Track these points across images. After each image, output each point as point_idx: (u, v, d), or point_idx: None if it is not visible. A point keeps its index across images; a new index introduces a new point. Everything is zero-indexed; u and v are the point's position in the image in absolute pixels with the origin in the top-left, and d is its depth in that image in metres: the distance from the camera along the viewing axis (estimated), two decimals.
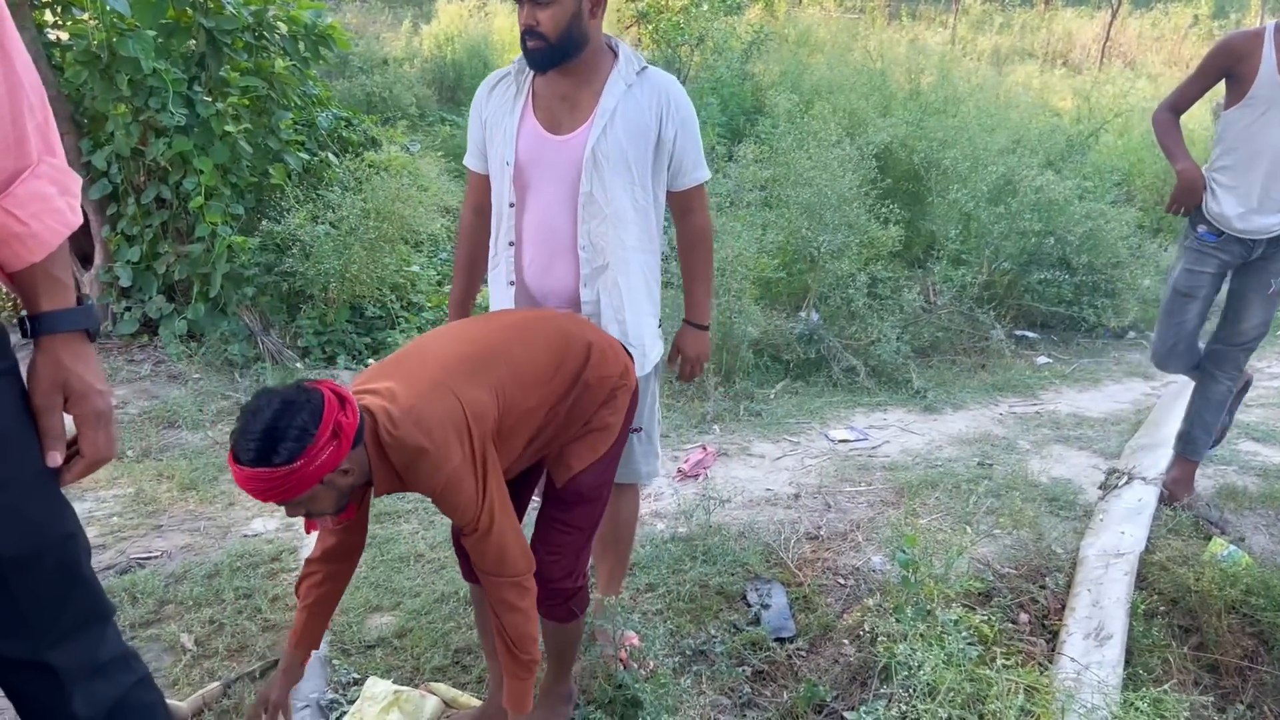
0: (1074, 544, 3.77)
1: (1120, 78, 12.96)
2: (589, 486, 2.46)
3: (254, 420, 1.89)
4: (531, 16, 2.47)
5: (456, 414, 2.11)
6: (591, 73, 2.60)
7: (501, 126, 2.66)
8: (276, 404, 1.91)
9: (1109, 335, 6.48)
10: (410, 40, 14.48)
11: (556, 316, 2.48)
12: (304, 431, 1.89)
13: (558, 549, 2.48)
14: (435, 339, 2.32)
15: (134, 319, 5.57)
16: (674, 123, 2.62)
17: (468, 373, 2.18)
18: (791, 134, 6.73)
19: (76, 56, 5.18)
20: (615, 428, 2.47)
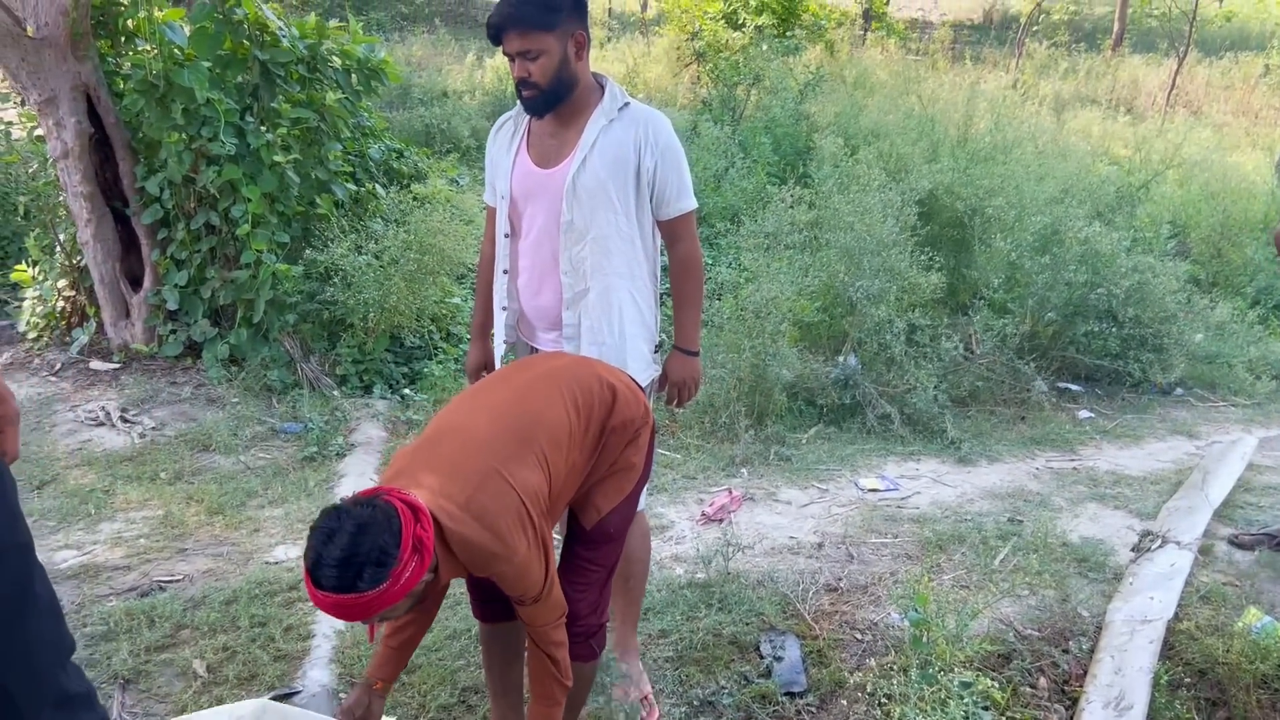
0: (1101, 607, 3.67)
1: (1183, 126, 12.76)
2: (616, 525, 2.51)
3: (330, 546, 1.86)
4: (524, 69, 2.66)
5: (515, 504, 2.12)
6: (579, 111, 2.79)
7: (501, 164, 2.90)
8: (352, 527, 1.88)
9: (1155, 391, 6.34)
10: (473, 73, 14.73)
11: (574, 366, 2.49)
12: (385, 554, 1.87)
13: (585, 586, 2.51)
14: (467, 415, 2.29)
15: (179, 341, 5.69)
16: (653, 154, 2.78)
17: (513, 453, 2.18)
18: (835, 177, 6.71)
19: (135, 86, 5.33)
20: (639, 467, 2.51)
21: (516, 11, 2.60)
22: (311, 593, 1.89)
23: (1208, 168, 10.11)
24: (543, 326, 2.99)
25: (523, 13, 2.59)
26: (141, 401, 5.29)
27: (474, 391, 2.45)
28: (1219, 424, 5.92)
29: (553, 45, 2.64)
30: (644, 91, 13.65)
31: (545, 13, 2.61)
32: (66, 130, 5.35)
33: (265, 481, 4.57)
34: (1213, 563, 4.01)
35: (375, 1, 22.51)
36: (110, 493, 4.37)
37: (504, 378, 2.48)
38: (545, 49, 2.63)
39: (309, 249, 5.77)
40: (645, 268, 2.93)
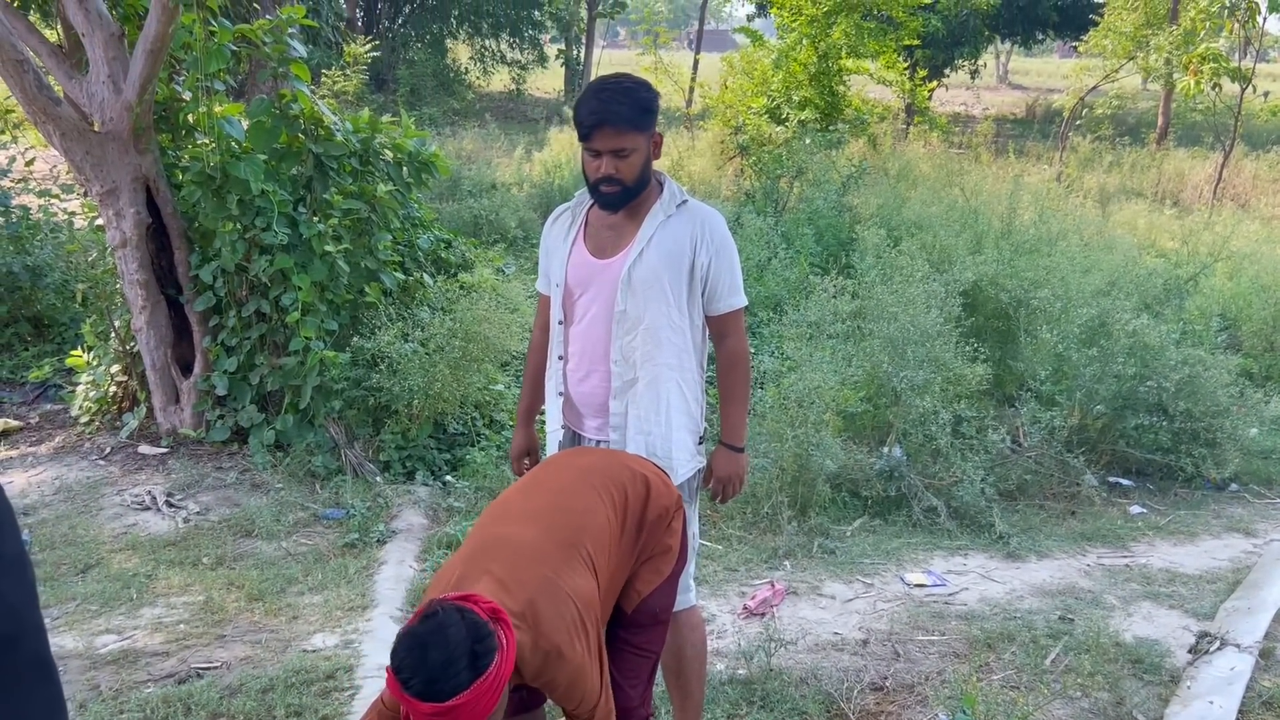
0: (1158, 712, 3.54)
1: (1231, 219, 12.67)
2: (660, 607, 2.53)
3: (424, 653, 1.86)
4: (612, 167, 2.73)
5: (571, 612, 2.13)
6: (640, 205, 2.86)
7: (557, 253, 2.97)
8: (442, 635, 1.88)
9: (1209, 487, 6.19)
10: (521, 166, 15.05)
11: (606, 463, 2.51)
12: (479, 629, 1.90)
13: (633, 676, 2.51)
14: (513, 524, 2.30)
15: (226, 427, 5.76)
16: (708, 251, 2.85)
17: (564, 559, 2.20)
18: (878, 268, 6.72)
19: (193, 177, 5.50)
20: (675, 549, 2.54)
21: (617, 110, 2.68)
22: (405, 701, 1.88)
23: (1257, 260, 9.99)
24: (589, 413, 3.01)
25: (622, 112, 2.68)
26: (187, 486, 5.34)
27: (510, 499, 2.45)
28: (1276, 521, 5.75)
29: (642, 145, 2.74)
30: (689, 183, 13.83)
31: (641, 114, 2.72)
32: (126, 220, 5.51)
33: (306, 568, 4.57)
34: (1274, 666, 3.87)
35: (429, 97, 23.23)
36: (153, 577, 4.39)
37: (538, 482, 2.49)
38: (636, 148, 2.72)
39: (356, 336, 5.85)
40: (694, 359, 2.97)
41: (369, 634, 3.95)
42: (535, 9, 29.59)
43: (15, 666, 1.59)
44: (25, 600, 1.64)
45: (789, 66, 14.81)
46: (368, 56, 19.44)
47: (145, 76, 5.22)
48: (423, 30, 29.10)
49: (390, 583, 4.43)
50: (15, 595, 1.61)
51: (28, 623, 1.63)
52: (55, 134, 5.36)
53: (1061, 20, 26.80)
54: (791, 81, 14.79)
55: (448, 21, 29.70)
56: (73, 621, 3.97)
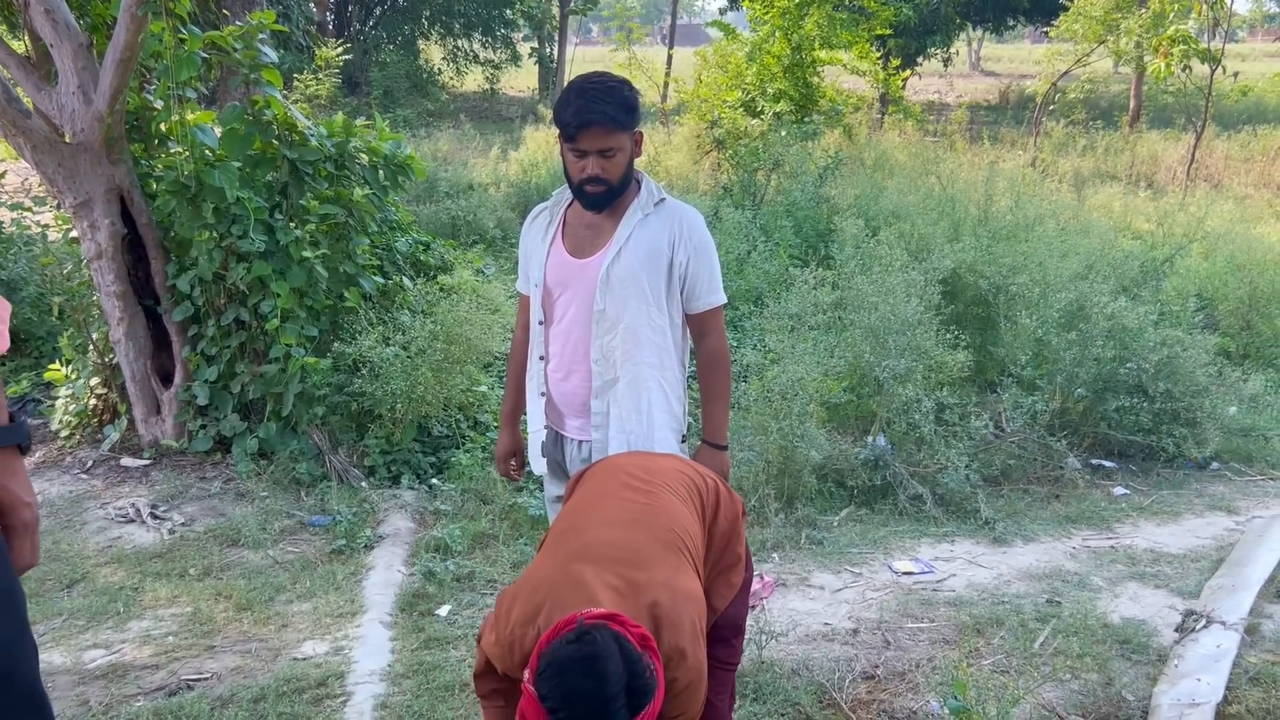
0: (1146, 690, 3.57)
1: (1205, 200, 12.76)
2: (741, 617, 2.54)
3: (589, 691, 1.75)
4: (598, 167, 2.72)
5: (691, 615, 2.07)
6: (618, 205, 2.85)
7: (536, 253, 2.97)
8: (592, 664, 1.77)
9: (1191, 466, 6.23)
10: (497, 166, 15.01)
11: (681, 466, 2.45)
12: (637, 665, 1.81)
13: (721, 689, 2.49)
14: (611, 527, 2.19)
15: (208, 437, 5.72)
16: (686, 249, 2.85)
17: (675, 562, 2.13)
18: (857, 258, 6.74)
19: (167, 187, 5.45)
20: (743, 557, 2.51)
21: (603, 110, 2.67)
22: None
23: (1232, 240, 10.07)
24: (570, 413, 3.02)
25: (609, 112, 2.67)
26: (171, 497, 5.31)
27: (596, 501, 2.34)
28: (1258, 499, 5.80)
29: (627, 144, 2.75)
30: (665, 179, 13.83)
31: (626, 113, 2.72)
32: (100, 232, 5.47)
33: (294, 576, 4.55)
34: (1260, 642, 3.91)
35: (403, 99, 23.14)
36: (139, 590, 4.36)
37: (617, 484, 2.37)
38: (621, 147, 2.72)
39: (337, 342, 5.82)
40: (674, 358, 2.97)
41: (359, 640, 3.94)
42: (507, 8, 29.51)
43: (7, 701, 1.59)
44: (15, 633, 1.64)
45: (762, 59, 14.82)
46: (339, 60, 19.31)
47: (116, 86, 5.18)
48: (394, 32, 29.01)
49: (379, 588, 4.41)
50: (6, 629, 1.61)
51: (18, 655, 1.64)
52: (26, 146, 5.31)
53: (1032, 6, 26.92)
54: (765, 74, 14.80)
55: (419, 22, 29.61)
56: (60, 637, 3.94)
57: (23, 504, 1.71)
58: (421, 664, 3.76)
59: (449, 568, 4.60)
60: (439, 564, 4.62)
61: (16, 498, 1.70)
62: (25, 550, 1.72)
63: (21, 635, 1.65)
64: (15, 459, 1.71)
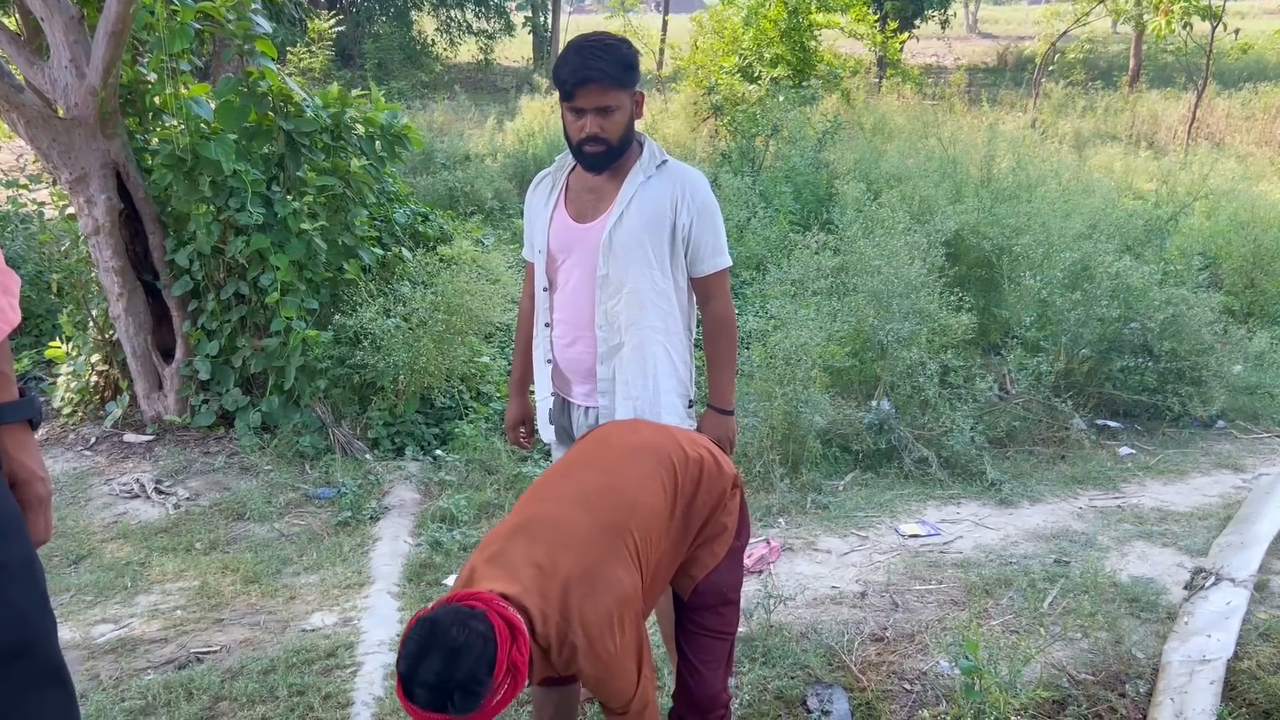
0: (1156, 649, 3.56)
1: (1207, 158, 12.69)
2: (727, 586, 2.46)
3: (425, 664, 1.83)
4: (596, 125, 2.67)
5: (607, 607, 2.08)
6: (620, 167, 2.80)
7: (539, 219, 2.93)
8: (447, 650, 1.84)
9: (1196, 425, 6.22)
10: (493, 136, 14.91)
11: (659, 441, 2.41)
12: (478, 682, 1.84)
13: (710, 658, 2.44)
14: (562, 505, 2.23)
15: (211, 411, 5.71)
16: (689, 211, 2.79)
17: (608, 550, 2.13)
18: (859, 222, 6.69)
19: (163, 160, 5.41)
20: (731, 528, 2.45)
21: (601, 67, 2.62)
22: (403, 701, 1.87)
23: (1235, 198, 10.01)
24: (576, 379, 2.99)
25: (607, 69, 2.62)
26: (175, 473, 5.30)
27: (562, 474, 2.36)
28: (1265, 456, 5.79)
29: (626, 103, 2.69)
30: (663, 146, 13.71)
31: (625, 70, 2.65)
32: (97, 207, 5.43)
33: (300, 548, 4.55)
34: (1270, 598, 3.89)
35: (396, 71, 22.96)
36: (146, 565, 4.36)
37: (585, 459, 2.39)
38: (620, 105, 2.67)
39: (338, 314, 5.80)
40: (680, 322, 2.93)
41: (367, 611, 3.94)
42: None
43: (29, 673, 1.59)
44: (36, 605, 1.63)
45: (759, 24, 14.70)
46: (332, 32, 19.21)
47: (108, 59, 5.12)
48: (387, 3, 28.72)
49: (386, 559, 4.41)
50: (25, 601, 1.60)
51: (39, 628, 1.63)
52: (20, 122, 5.26)
53: None
54: (762, 39, 14.70)
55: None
56: (68, 613, 3.94)
57: (37, 478, 1.70)
58: None
59: (455, 538, 4.59)
60: (445, 534, 4.61)
61: (31, 472, 1.69)
62: (40, 525, 1.72)
63: (43, 608, 1.65)
64: (27, 434, 1.70)
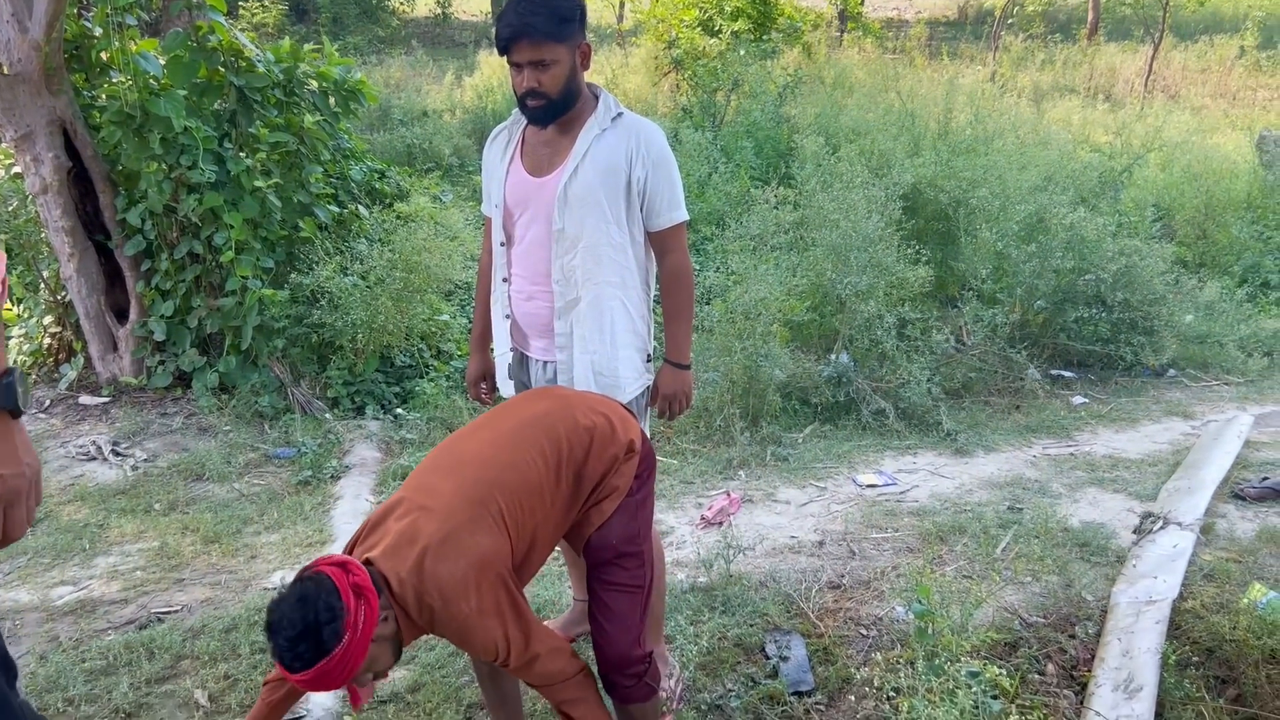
0: (1105, 591, 3.66)
1: (1162, 111, 12.80)
2: (617, 539, 2.44)
3: (285, 628, 1.98)
4: (534, 80, 2.65)
5: (460, 569, 2.13)
6: (574, 120, 2.78)
7: (495, 173, 2.90)
8: (294, 605, 2.00)
9: (1148, 373, 6.34)
10: (452, 92, 14.73)
11: (552, 414, 2.43)
12: (333, 610, 1.98)
13: (616, 614, 2.45)
14: (433, 475, 2.32)
15: (167, 372, 5.65)
16: (644, 165, 2.77)
17: (469, 517, 2.19)
18: (818, 176, 6.71)
19: (111, 117, 5.30)
20: (622, 489, 2.44)
21: (531, 22, 2.59)
22: (295, 681, 2.00)
23: (1189, 150, 10.13)
24: (534, 334, 2.99)
25: (537, 23, 2.59)
26: (132, 434, 5.25)
27: (452, 442, 2.44)
28: (1213, 403, 5.91)
29: (564, 56, 2.66)
30: (624, 102, 13.62)
31: (559, 23, 2.62)
32: (44, 165, 5.32)
33: (260, 508, 4.54)
34: (1215, 541, 4.00)
35: (352, 25, 22.57)
36: (104, 527, 4.33)
37: (475, 430, 2.45)
38: (557, 59, 2.64)
39: (294, 273, 5.74)
40: (637, 277, 2.92)
41: None
42: None
43: None
44: None
45: None
46: None
47: (52, 13, 5.00)
48: None
49: (347, 517, 4.41)
50: None
51: None
52: None
53: None
54: None
55: None
56: (26, 575, 3.92)
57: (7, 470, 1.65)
58: None
59: None
60: None
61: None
62: (11, 521, 1.67)
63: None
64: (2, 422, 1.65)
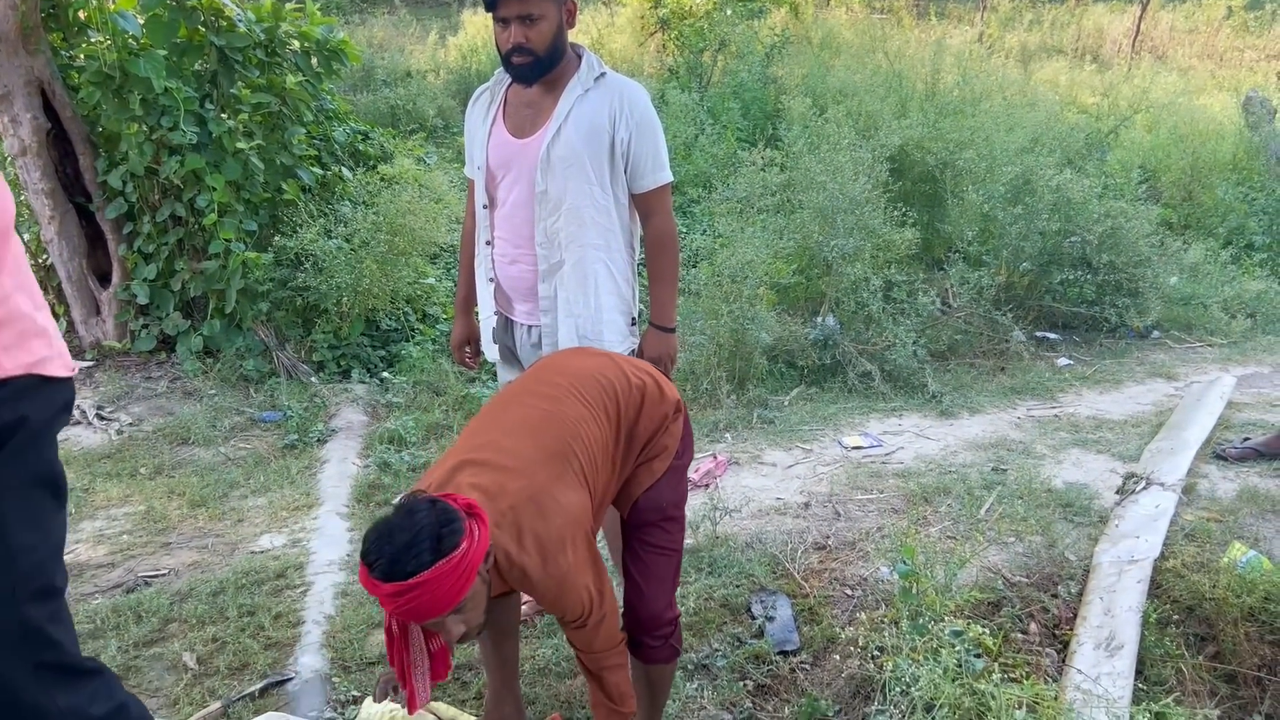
0: (1088, 551, 3.69)
1: (1149, 72, 12.77)
2: (667, 503, 2.46)
3: (399, 533, 1.86)
4: (521, 35, 2.63)
5: (557, 525, 2.10)
6: (557, 80, 2.76)
7: (478, 135, 2.88)
8: (404, 515, 1.88)
9: (1132, 335, 6.37)
10: (435, 52, 14.57)
11: (602, 370, 2.42)
12: (450, 515, 1.88)
13: (655, 575, 2.46)
14: (508, 434, 2.24)
15: (151, 336, 5.62)
16: (628, 126, 2.75)
17: (556, 473, 2.16)
18: (805, 138, 6.68)
19: (90, 78, 5.23)
20: (672, 448, 2.46)
21: None
22: (370, 586, 1.87)
23: (1175, 111, 10.11)
24: (518, 298, 2.97)
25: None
26: (117, 398, 5.23)
27: (505, 403, 2.37)
28: (1197, 364, 5.95)
29: (551, 11, 2.63)
30: (610, 62, 13.52)
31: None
32: (22, 127, 5.26)
33: (247, 471, 4.53)
34: (1196, 500, 4.04)
35: None
36: (90, 491, 4.32)
37: (529, 389, 2.39)
38: (544, 14, 2.62)
39: (278, 236, 5.70)
40: (621, 239, 2.90)
41: (316, 532, 3.95)
42: None
43: None
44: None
45: None
46: None
47: None
48: None
49: (334, 480, 4.42)
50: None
51: None
52: None
53: None
54: None
55: None
56: None
57: None
58: None
59: (404, 459, 4.60)
60: (394, 455, 4.62)
61: None
62: None
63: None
64: None
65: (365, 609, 3.40)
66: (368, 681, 3.03)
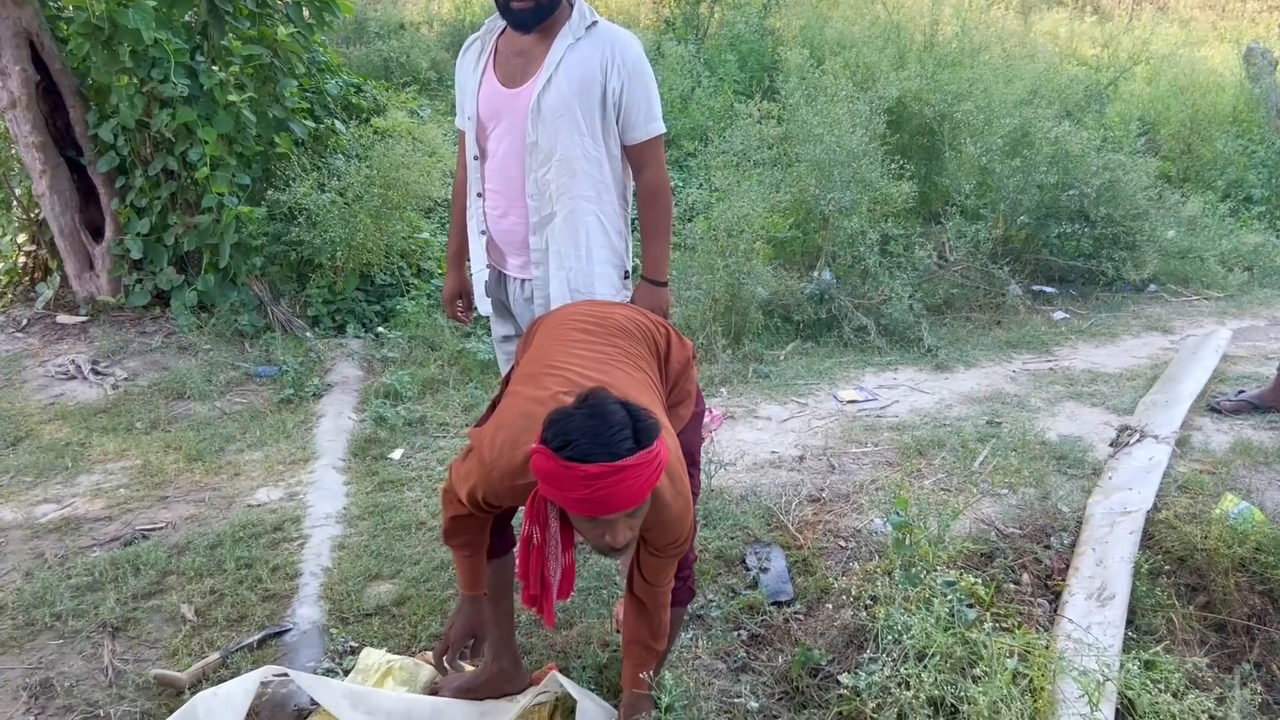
0: (1081, 503, 3.71)
1: (1150, 23, 12.65)
2: (691, 446, 2.52)
3: (608, 414, 1.80)
4: None
5: (673, 448, 2.11)
6: (549, 29, 2.71)
7: (468, 85, 2.84)
8: (598, 404, 1.82)
9: (1129, 289, 6.37)
10: (429, 3, 14.40)
11: (631, 317, 2.43)
12: (640, 410, 1.85)
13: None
14: (593, 364, 2.18)
15: (145, 291, 5.60)
16: (619, 75, 2.70)
17: (654, 400, 2.17)
18: (801, 90, 6.62)
19: (79, 29, 5.17)
20: (693, 395, 2.53)
21: None
22: (561, 467, 1.78)
23: (1175, 63, 10.03)
24: (510, 251, 2.95)
25: None
26: (112, 353, 5.22)
27: (563, 347, 2.29)
28: (1192, 318, 5.95)
29: None
30: (605, 13, 13.37)
31: None
32: (11, 79, 5.20)
33: (243, 426, 4.54)
34: (1189, 453, 4.06)
35: None
36: (86, 445, 4.33)
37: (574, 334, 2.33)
38: None
39: (271, 190, 5.66)
40: (614, 191, 2.87)
41: (313, 485, 3.96)
42: None
43: None
44: None
45: None
46: None
47: None
48: None
49: (330, 434, 4.42)
50: None
51: None
52: None
53: None
54: None
55: None
56: (8, 494, 3.92)
57: None
58: (377, 505, 3.81)
59: (400, 413, 4.61)
60: (389, 410, 4.62)
61: None
62: None
63: None
64: None
65: (362, 561, 3.42)
66: (365, 632, 3.05)
